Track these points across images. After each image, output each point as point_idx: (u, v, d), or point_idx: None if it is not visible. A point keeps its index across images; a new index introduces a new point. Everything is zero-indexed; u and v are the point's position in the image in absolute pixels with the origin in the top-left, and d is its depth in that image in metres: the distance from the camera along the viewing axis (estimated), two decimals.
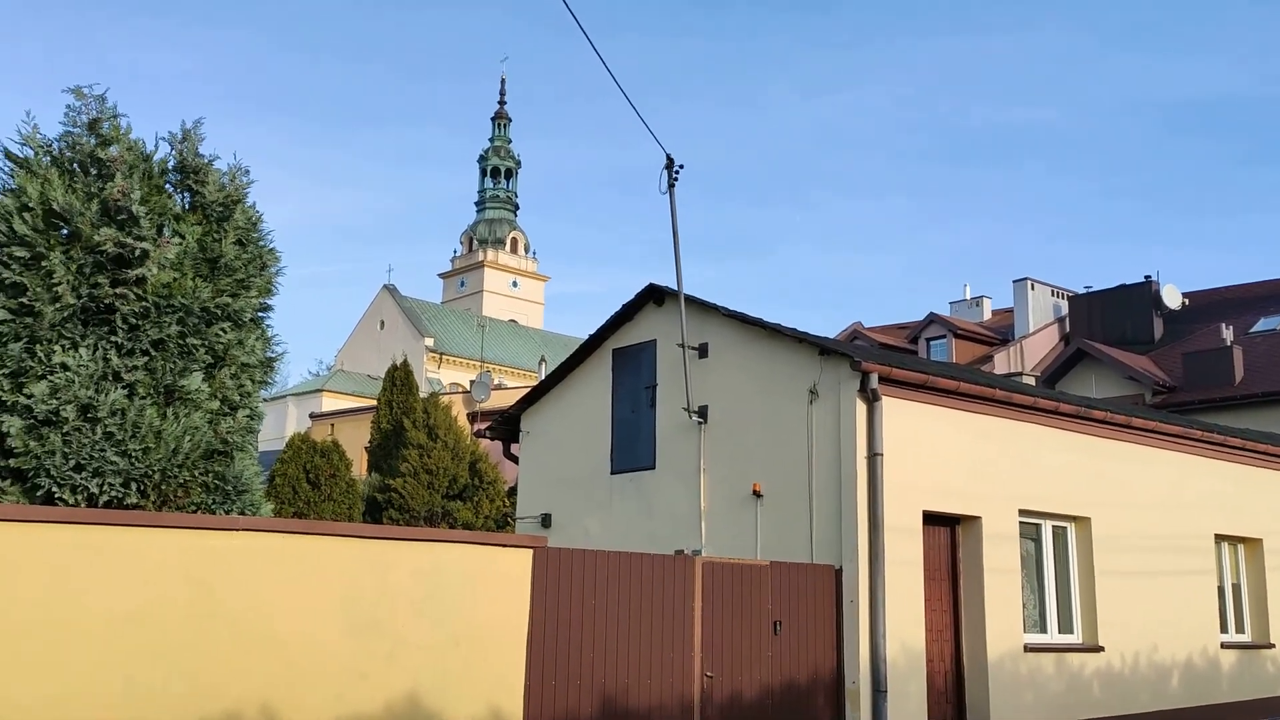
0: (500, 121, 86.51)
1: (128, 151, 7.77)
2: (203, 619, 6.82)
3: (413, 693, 7.64)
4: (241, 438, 8.06)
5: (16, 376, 7.07)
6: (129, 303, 7.42)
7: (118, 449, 7.16)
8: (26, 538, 6.26)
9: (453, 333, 72.59)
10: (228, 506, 7.80)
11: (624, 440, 13.69)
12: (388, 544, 7.84)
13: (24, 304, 7.18)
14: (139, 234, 7.44)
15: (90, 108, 7.78)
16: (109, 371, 7.31)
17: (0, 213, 7.27)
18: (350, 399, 55.50)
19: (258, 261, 8.41)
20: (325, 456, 23.11)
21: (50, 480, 6.94)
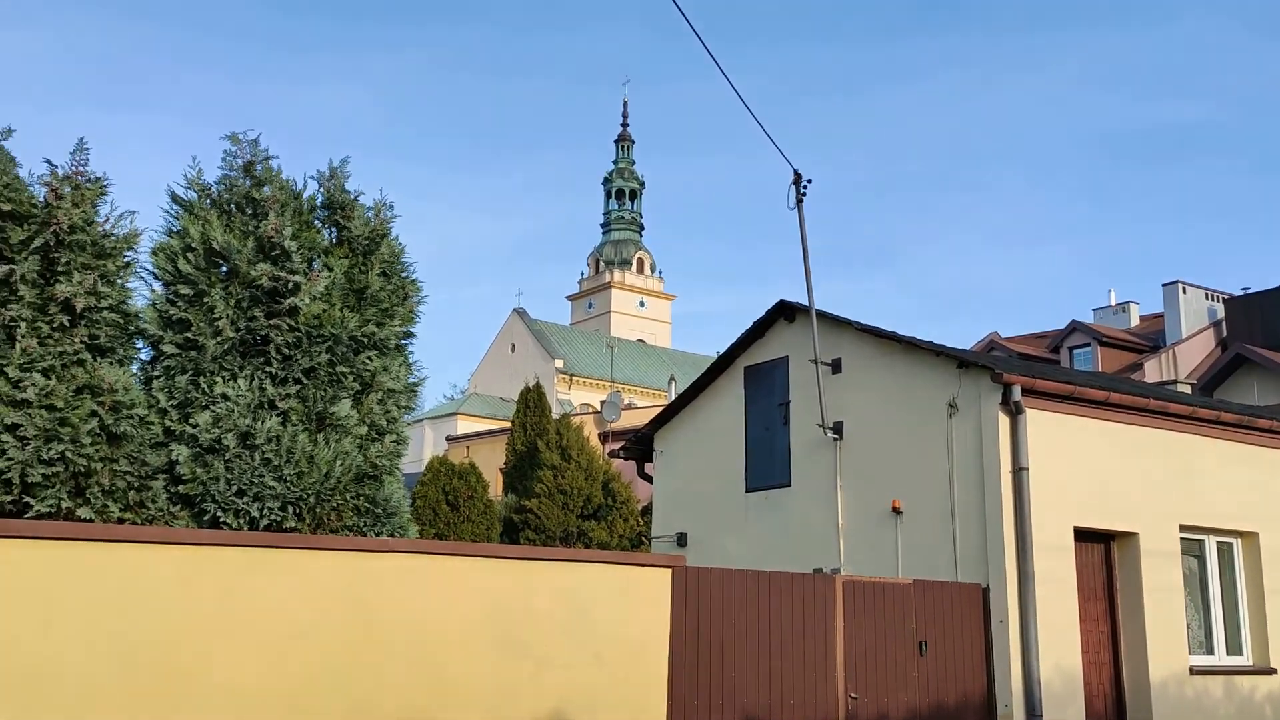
0: (623, 144, 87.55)
1: (279, 191, 8.16)
2: (359, 637, 7.07)
3: (559, 711, 7.74)
4: (389, 462, 8.33)
5: (183, 407, 7.48)
6: (282, 333, 7.76)
7: (275, 474, 7.48)
8: (200, 559, 6.61)
9: (582, 354, 73.55)
10: (378, 529, 8.07)
11: (758, 458, 13.61)
12: (530, 564, 7.98)
13: (189, 338, 7.60)
14: (291, 268, 7.79)
15: (245, 152, 8.20)
16: (265, 400, 7.66)
17: (167, 253, 7.72)
18: (484, 421, 56.78)
19: (401, 292, 8.71)
20: (463, 478, 23.67)
21: (215, 505, 7.31)
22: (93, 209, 7.36)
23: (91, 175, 7.46)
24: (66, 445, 6.73)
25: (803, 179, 11.69)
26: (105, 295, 7.23)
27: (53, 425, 6.71)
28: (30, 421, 6.65)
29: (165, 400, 7.41)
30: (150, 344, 7.68)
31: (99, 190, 7.46)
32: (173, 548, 6.59)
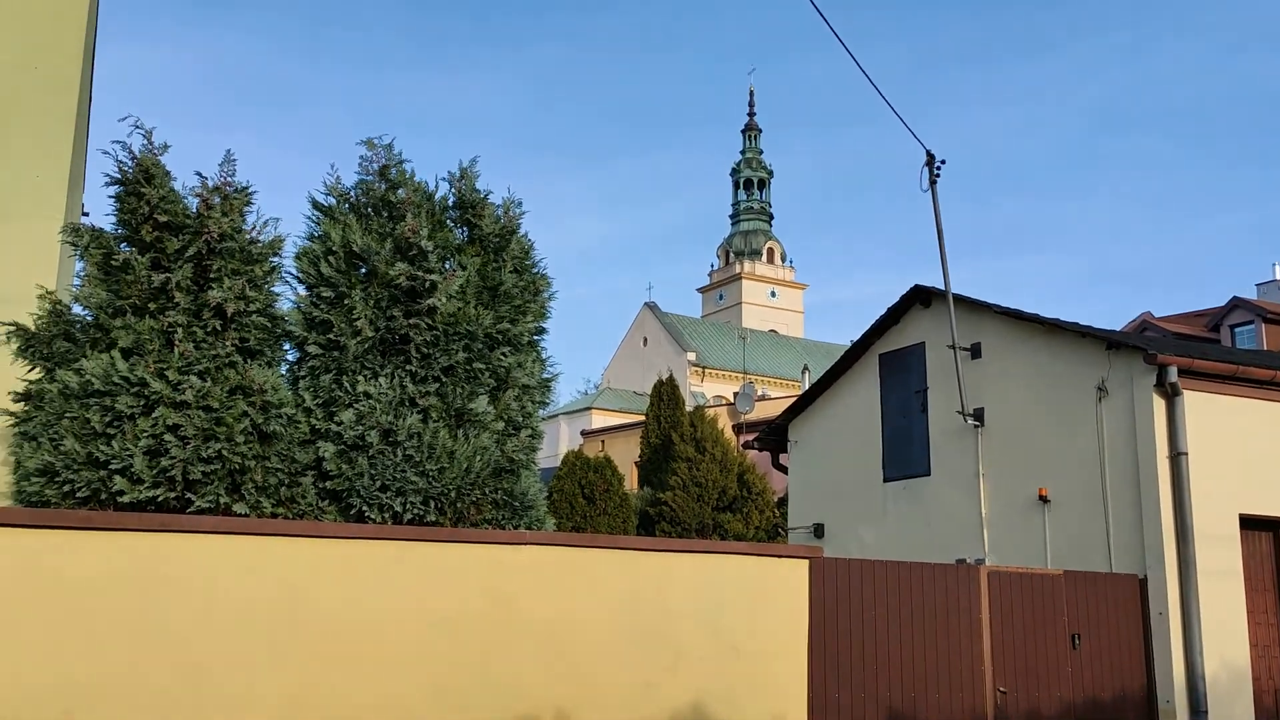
0: (750, 133, 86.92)
1: (414, 193, 8.36)
2: (499, 628, 7.20)
3: (697, 702, 7.72)
4: (525, 456, 8.45)
5: (328, 406, 7.74)
6: (421, 332, 7.95)
7: (416, 470, 7.68)
8: (347, 552, 6.85)
9: (714, 346, 73.42)
10: (516, 522, 8.19)
11: (895, 447, 13.30)
12: (666, 556, 7.98)
13: (331, 339, 7.86)
14: (428, 268, 7.97)
15: (380, 156, 8.43)
16: (405, 398, 7.86)
17: (309, 257, 8.01)
18: (618, 415, 57.26)
19: (532, 287, 8.81)
20: (598, 472, 23.92)
21: (360, 500, 7.55)
22: (240, 217, 7.68)
23: (238, 185, 7.79)
24: (223, 444, 7.05)
25: (936, 159, 11.35)
26: (253, 300, 7.54)
27: (210, 425, 7.04)
28: (189, 422, 6.99)
29: (311, 399, 7.68)
30: (295, 345, 7.97)
31: (245, 199, 7.78)
32: (322, 541, 6.84)
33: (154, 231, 7.35)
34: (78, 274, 7.67)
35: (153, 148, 7.50)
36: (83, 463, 6.85)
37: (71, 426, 6.90)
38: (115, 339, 7.16)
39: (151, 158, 7.45)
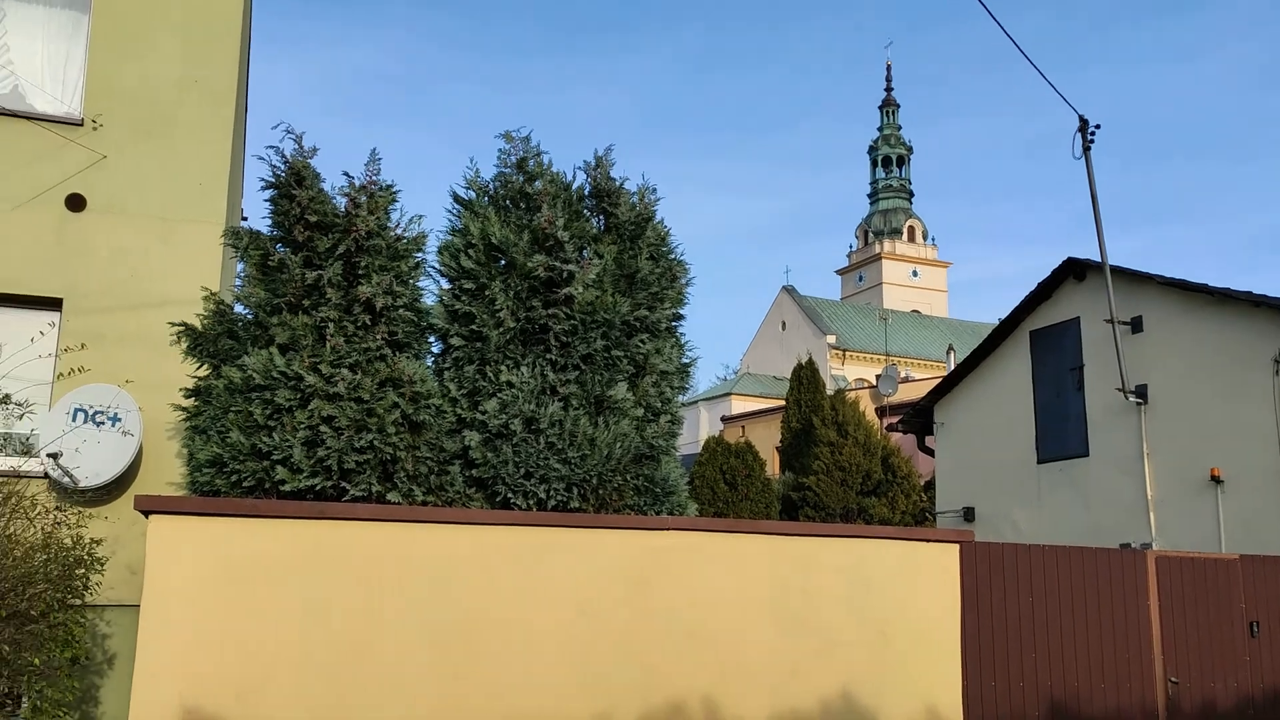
0: (888, 109, 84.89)
1: (550, 184, 8.45)
2: (642, 613, 7.23)
3: (846, 690, 7.59)
4: (665, 442, 8.47)
5: (472, 395, 7.92)
6: (560, 321, 8.05)
7: (559, 457, 7.78)
8: (495, 539, 7.00)
9: (854, 328, 72.16)
10: (657, 507, 8.22)
11: (1050, 427, 12.78)
12: (810, 540, 7.86)
13: (474, 330, 8.03)
14: (565, 258, 8.05)
15: (517, 149, 8.56)
16: (546, 386, 7.97)
17: (451, 251, 8.20)
18: (758, 400, 56.92)
19: (668, 274, 8.81)
20: (739, 457, 23.82)
21: (505, 487, 7.70)
22: (385, 215, 7.92)
23: (383, 184, 8.03)
24: (374, 434, 7.29)
25: (1089, 125, 10.82)
26: (400, 294, 7.77)
27: (361, 416, 7.30)
28: (343, 413, 7.26)
29: (456, 390, 7.87)
30: (440, 337, 8.18)
31: (390, 198, 8.02)
32: (471, 528, 7.00)
33: (306, 231, 7.64)
34: (238, 275, 8.06)
35: (303, 151, 7.80)
36: (247, 454, 7.20)
37: (236, 420, 7.26)
38: (273, 335, 7.49)
39: (301, 161, 7.75)
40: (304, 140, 7.79)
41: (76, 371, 8.17)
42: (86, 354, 8.33)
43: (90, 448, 8.36)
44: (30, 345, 8.23)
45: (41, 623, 6.80)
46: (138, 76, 9.51)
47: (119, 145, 9.31)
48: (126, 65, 9.51)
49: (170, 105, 9.56)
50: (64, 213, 9.06)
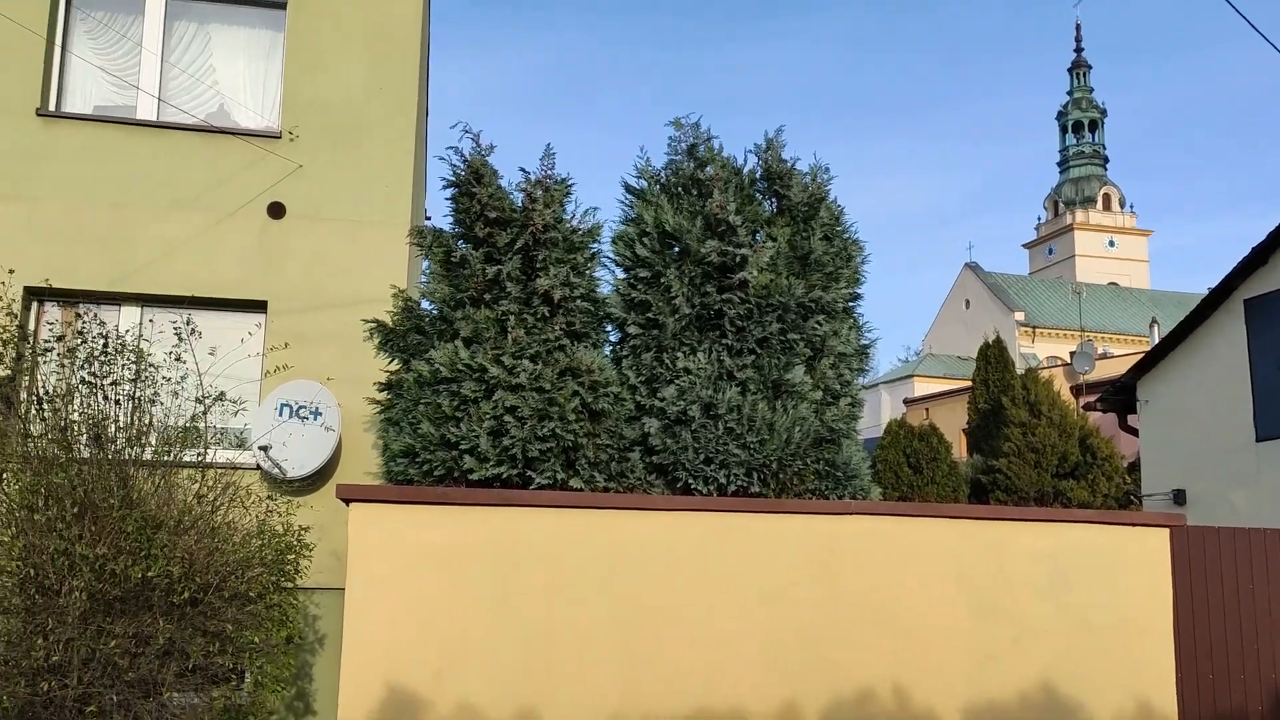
0: (1078, 71, 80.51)
1: (721, 169, 8.41)
2: (826, 599, 7.13)
3: (1045, 680, 7.27)
4: (845, 425, 8.31)
5: (650, 383, 7.98)
6: (734, 306, 8.01)
7: (738, 442, 7.75)
8: (676, 524, 7.05)
9: (1044, 303, 68.94)
10: (839, 492, 8.07)
11: (1270, 402, 11.84)
12: (1002, 525, 7.56)
13: (650, 318, 8.09)
14: (738, 242, 8.00)
15: (687, 135, 8.56)
16: (723, 371, 7.95)
17: (625, 240, 8.28)
18: (941, 382, 55.19)
19: (843, 254, 8.63)
20: (924, 440, 23.18)
21: (685, 473, 7.73)
22: (561, 208, 8.07)
23: (558, 177, 8.18)
24: (556, 423, 7.45)
25: None
26: (577, 285, 7.90)
27: (543, 405, 7.47)
28: (525, 403, 7.45)
29: (634, 377, 7.94)
30: (617, 326, 8.27)
31: (565, 191, 8.17)
32: (651, 514, 7.07)
33: (485, 227, 7.87)
34: (424, 272, 8.39)
35: (480, 150, 8.04)
36: (437, 444, 7.49)
37: (426, 411, 7.56)
38: (458, 329, 7.76)
39: (480, 159, 7.99)
40: (481, 139, 8.04)
41: (281, 370, 8.70)
42: (290, 353, 8.86)
43: (296, 441, 8.90)
44: (240, 345, 8.82)
45: (259, 604, 7.29)
46: (327, 88, 10.03)
47: (313, 154, 9.85)
48: (317, 78, 10.04)
49: (357, 114, 10.04)
50: (266, 220, 9.67)
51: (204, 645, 6.89)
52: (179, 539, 6.95)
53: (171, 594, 6.74)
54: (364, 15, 10.29)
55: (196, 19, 10.21)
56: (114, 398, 7.39)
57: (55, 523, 6.69)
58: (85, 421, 7.28)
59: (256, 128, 9.97)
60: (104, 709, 6.54)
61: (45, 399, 7.36)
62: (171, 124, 9.82)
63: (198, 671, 7.02)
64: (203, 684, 7.17)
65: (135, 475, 7.16)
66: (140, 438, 7.36)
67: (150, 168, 9.60)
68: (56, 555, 6.61)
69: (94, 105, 9.94)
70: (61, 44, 9.76)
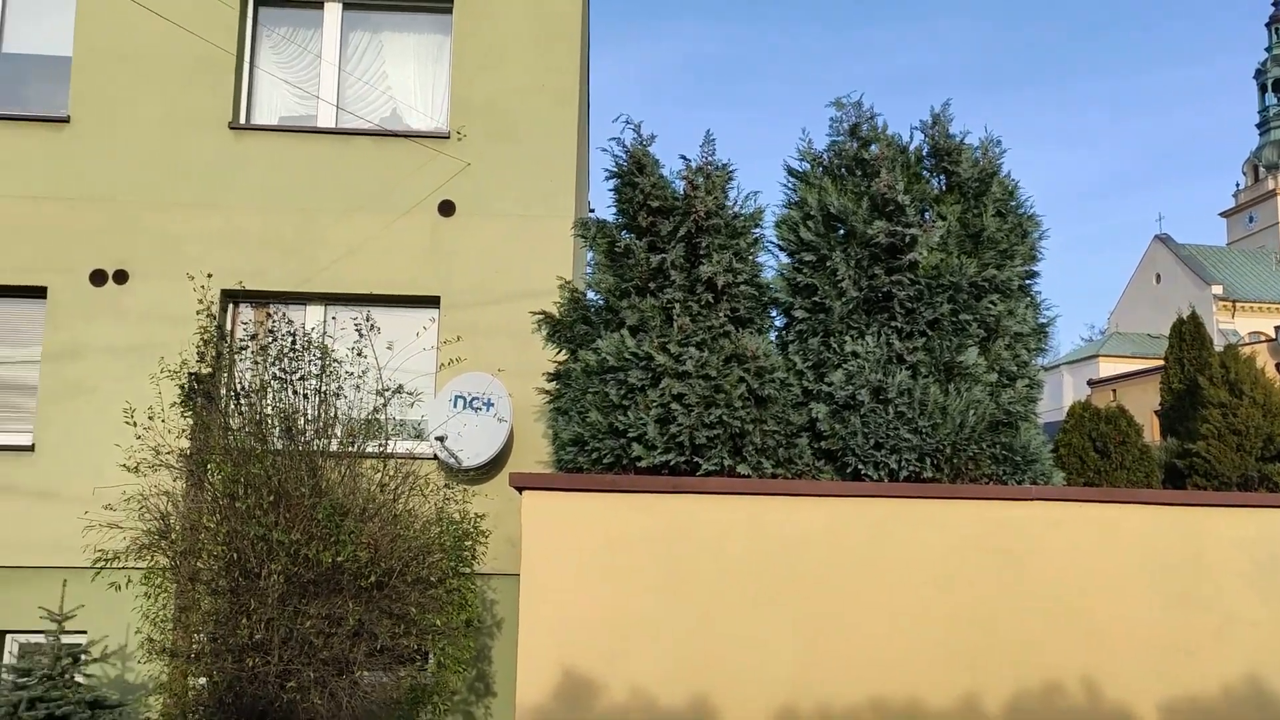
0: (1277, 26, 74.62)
1: (886, 147, 8.20)
2: (1006, 587, 6.87)
3: (1253, 674, 6.80)
4: (1023, 408, 7.98)
5: (818, 367, 7.86)
6: (903, 288, 7.79)
7: (909, 426, 7.55)
8: (846, 511, 6.94)
9: (1244, 275, 64.35)
10: (1018, 476, 7.76)
11: None
12: (1200, 510, 7.12)
13: (816, 302, 7.97)
14: (906, 222, 7.78)
15: (849, 115, 8.38)
16: (893, 355, 7.75)
17: (789, 224, 8.18)
18: (1129, 361, 52.25)
19: (1018, 230, 8.29)
20: (1111, 423, 21.95)
21: (855, 459, 7.58)
22: (723, 194, 8.03)
23: (719, 164, 8.14)
24: (723, 409, 7.44)
25: None
26: (740, 271, 7.85)
27: (710, 392, 7.46)
28: (692, 390, 7.46)
29: (801, 362, 7.84)
30: (782, 311, 8.18)
31: (726, 176, 8.12)
32: (821, 500, 6.98)
33: (648, 217, 7.92)
34: (588, 263, 8.52)
35: (641, 140, 8.08)
36: (605, 432, 7.59)
37: (594, 400, 7.68)
38: (623, 318, 7.84)
39: (641, 149, 8.03)
40: (642, 129, 8.08)
41: (455, 362, 9.02)
42: (462, 346, 9.18)
43: (470, 431, 9.20)
44: (415, 340, 9.19)
45: (439, 588, 7.59)
46: (493, 88, 10.31)
47: (480, 153, 10.14)
48: (483, 78, 10.33)
49: (521, 111, 10.28)
50: (437, 218, 10.02)
51: (390, 627, 7.23)
52: (364, 526, 7.31)
53: (359, 578, 7.10)
54: (527, 15, 10.51)
55: (370, 29, 10.67)
56: (302, 392, 7.83)
57: (254, 510, 7.15)
58: (278, 415, 7.74)
59: (427, 129, 10.34)
60: (302, 685, 6.94)
61: (242, 394, 7.87)
62: (349, 130, 10.30)
63: (385, 652, 7.38)
64: (390, 664, 7.52)
65: (323, 465, 7.57)
66: (327, 430, 7.78)
67: (330, 173, 10.10)
68: (256, 540, 7.06)
69: (279, 116, 10.53)
70: (250, 60, 10.37)
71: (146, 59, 10.07)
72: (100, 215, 9.84)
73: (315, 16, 10.58)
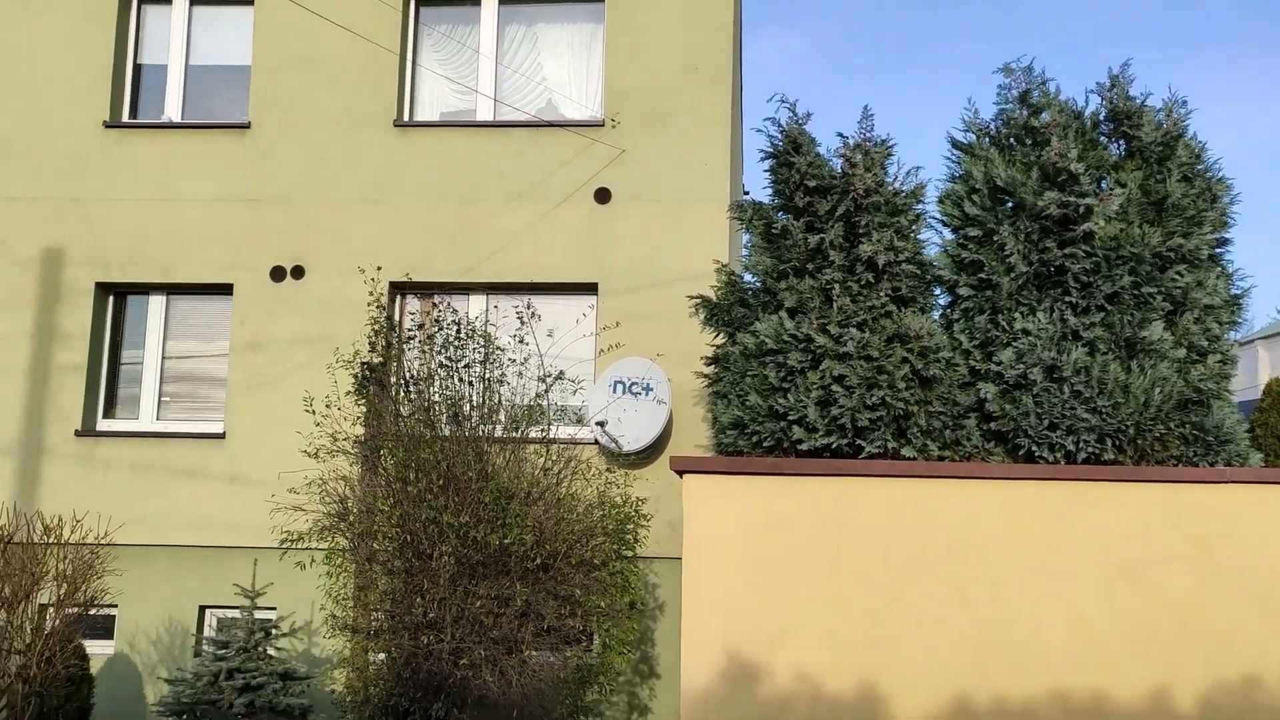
0: None
1: (1058, 114, 7.82)
2: (1197, 574, 6.51)
3: None
4: (1215, 385, 7.50)
5: (985, 346, 7.58)
6: (1078, 261, 7.43)
7: (1087, 406, 7.20)
8: (1019, 494, 6.69)
9: None
10: (1210, 458, 7.29)
11: None
12: None
13: (982, 279, 7.67)
14: (1080, 191, 7.41)
15: (1018, 82, 8.02)
16: (1067, 331, 7.41)
17: (953, 199, 7.89)
18: None
19: (1206, 195, 7.79)
20: None
21: (1028, 440, 7.26)
22: (882, 170, 7.82)
23: (877, 139, 7.93)
24: (885, 391, 7.25)
25: None
26: (902, 249, 7.63)
27: (872, 374, 7.29)
28: (853, 372, 7.30)
29: (967, 341, 7.57)
30: (946, 289, 7.91)
31: (885, 152, 7.90)
32: (992, 483, 6.74)
33: (805, 196, 7.78)
34: (744, 245, 8.44)
35: (797, 118, 7.95)
36: (765, 415, 7.51)
37: (753, 383, 7.61)
38: (781, 300, 7.73)
39: (797, 128, 7.90)
40: (797, 107, 7.94)
41: (613, 348, 9.09)
42: (620, 331, 9.23)
43: (629, 416, 9.26)
44: (575, 327, 9.31)
45: (603, 571, 7.68)
46: (645, 73, 10.32)
47: (634, 139, 10.18)
48: (635, 65, 10.36)
49: (674, 96, 10.25)
50: (593, 205, 10.11)
51: (556, 608, 7.37)
52: (529, 509, 7.46)
53: (525, 560, 7.25)
54: None
55: (524, 21, 10.85)
56: (467, 379, 8.05)
57: (425, 494, 7.40)
58: (444, 402, 7.98)
59: (581, 118, 10.44)
60: (474, 662, 7.15)
61: (411, 382, 8.15)
62: (506, 122, 10.51)
63: (552, 632, 7.53)
64: (557, 644, 7.67)
65: (489, 450, 7.76)
66: (491, 416, 7.97)
67: (489, 165, 10.33)
68: (427, 523, 7.31)
69: (440, 112, 10.83)
70: (412, 59, 10.71)
71: (318, 64, 10.53)
72: (278, 214, 10.36)
73: (473, 13, 10.82)
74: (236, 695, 7.76)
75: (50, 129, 10.58)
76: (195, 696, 7.83)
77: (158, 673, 9.48)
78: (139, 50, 11.02)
